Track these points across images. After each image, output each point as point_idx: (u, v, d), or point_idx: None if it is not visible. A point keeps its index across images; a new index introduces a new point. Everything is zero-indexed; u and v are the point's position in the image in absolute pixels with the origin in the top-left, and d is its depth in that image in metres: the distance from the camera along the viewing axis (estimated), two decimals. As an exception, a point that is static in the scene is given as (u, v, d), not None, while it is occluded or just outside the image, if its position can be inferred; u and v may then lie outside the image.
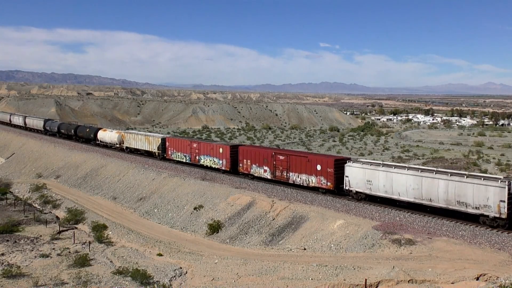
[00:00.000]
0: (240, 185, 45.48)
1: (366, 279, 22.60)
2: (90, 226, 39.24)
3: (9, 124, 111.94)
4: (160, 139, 60.23)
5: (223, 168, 50.18)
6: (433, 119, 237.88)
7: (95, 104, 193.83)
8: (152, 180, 51.39)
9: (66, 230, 38.19)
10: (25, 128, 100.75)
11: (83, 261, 28.71)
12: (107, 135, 72.09)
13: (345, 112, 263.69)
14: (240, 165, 48.29)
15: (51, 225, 39.53)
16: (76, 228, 39.63)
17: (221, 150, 50.49)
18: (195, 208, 42.36)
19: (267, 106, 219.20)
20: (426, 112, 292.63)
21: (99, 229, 36.33)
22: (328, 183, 39.84)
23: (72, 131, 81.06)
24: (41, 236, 35.95)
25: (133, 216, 44.96)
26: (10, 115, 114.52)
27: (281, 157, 43.85)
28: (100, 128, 78.39)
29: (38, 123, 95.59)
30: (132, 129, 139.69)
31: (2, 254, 30.92)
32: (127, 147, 66.65)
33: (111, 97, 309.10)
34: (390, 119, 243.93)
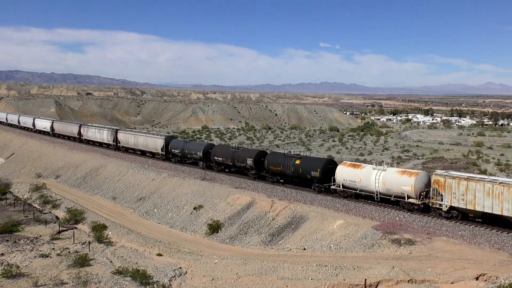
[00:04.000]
0: (240, 185, 45.45)
1: (365, 279, 22.60)
2: (89, 226, 39.19)
3: (76, 139, 79.53)
4: None
5: None
6: (432, 119, 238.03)
7: (94, 104, 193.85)
8: (152, 180, 51.38)
9: (66, 230, 38.13)
10: (116, 147, 69.64)
11: (82, 261, 28.68)
12: (377, 177, 36.70)
13: (344, 112, 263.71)
14: None
15: (50, 225, 39.49)
16: (75, 228, 39.57)
17: None
18: (194, 208, 42.35)
19: (266, 106, 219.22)
20: (426, 112, 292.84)
21: (98, 229, 36.29)
22: None
23: (250, 163, 46.60)
24: (40, 236, 35.90)
25: (133, 216, 44.95)
26: (81, 126, 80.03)
27: None
28: (332, 162, 42.37)
29: (152, 143, 62.19)
30: (133, 129, 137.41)
31: (2, 254, 30.87)
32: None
33: (111, 97, 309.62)
34: (390, 119, 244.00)
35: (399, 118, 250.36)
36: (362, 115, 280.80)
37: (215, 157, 52.40)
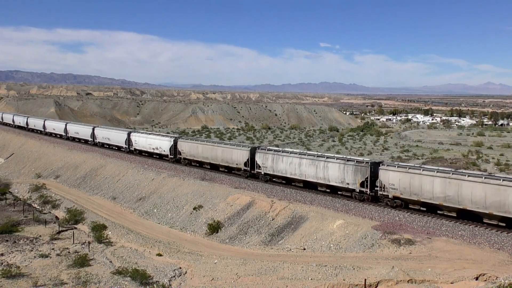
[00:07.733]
0: (240, 185, 45.44)
1: (365, 279, 22.58)
2: (89, 226, 39.16)
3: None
4: None
5: None
6: (432, 119, 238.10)
7: (94, 104, 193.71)
8: (152, 180, 51.35)
9: (66, 230, 38.10)
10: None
11: (82, 261, 28.67)
12: None
13: (344, 112, 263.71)
14: None
15: (50, 225, 39.46)
16: (75, 228, 39.54)
17: None
18: (194, 208, 42.34)
19: (266, 106, 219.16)
20: (426, 112, 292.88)
21: (98, 229, 36.26)
22: None
23: None
24: (40, 236, 35.88)
25: (133, 216, 44.92)
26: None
27: None
28: None
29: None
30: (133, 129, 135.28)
31: (2, 254, 30.84)
32: None
33: (111, 97, 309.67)
34: (390, 119, 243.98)
35: (398, 118, 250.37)
36: (362, 115, 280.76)
37: None
